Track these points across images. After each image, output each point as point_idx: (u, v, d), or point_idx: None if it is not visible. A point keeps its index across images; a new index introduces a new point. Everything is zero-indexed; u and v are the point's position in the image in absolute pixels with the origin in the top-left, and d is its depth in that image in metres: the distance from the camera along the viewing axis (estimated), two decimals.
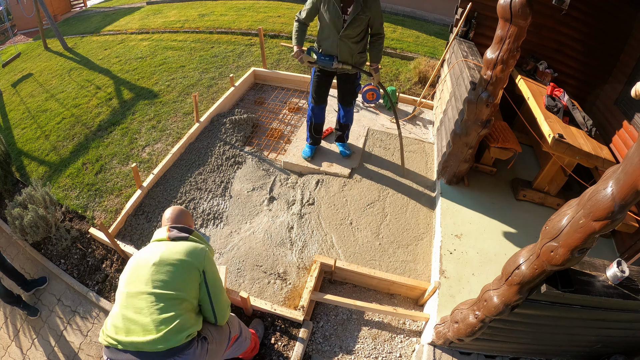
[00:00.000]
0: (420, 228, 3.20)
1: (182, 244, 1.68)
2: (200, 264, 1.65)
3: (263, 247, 3.03)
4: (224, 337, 1.80)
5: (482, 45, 3.74)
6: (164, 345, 1.46)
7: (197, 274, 1.63)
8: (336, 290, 2.86)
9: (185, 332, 1.51)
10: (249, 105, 4.80)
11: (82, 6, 12.22)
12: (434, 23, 8.45)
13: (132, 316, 1.50)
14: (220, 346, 1.76)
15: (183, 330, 1.51)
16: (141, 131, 4.47)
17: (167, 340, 1.46)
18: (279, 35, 6.88)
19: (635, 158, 1.06)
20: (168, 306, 1.52)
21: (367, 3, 2.81)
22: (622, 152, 2.95)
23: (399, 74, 5.72)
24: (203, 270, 1.65)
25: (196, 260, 1.64)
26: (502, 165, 3.55)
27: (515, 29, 2.35)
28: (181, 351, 1.50)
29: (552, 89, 3.18)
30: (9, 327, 2.92)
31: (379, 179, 3.62)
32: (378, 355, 2.50)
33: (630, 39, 3.22)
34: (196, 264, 1.63)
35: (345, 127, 3.69)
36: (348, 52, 3.02)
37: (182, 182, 3.57)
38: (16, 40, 10.17)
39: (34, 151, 4.45)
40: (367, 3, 2.81)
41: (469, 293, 2.53)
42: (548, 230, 1.43)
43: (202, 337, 1.64)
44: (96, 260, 3.15)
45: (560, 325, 1.97)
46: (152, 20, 8.69)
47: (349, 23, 2.85)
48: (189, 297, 1.59)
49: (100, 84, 5.76)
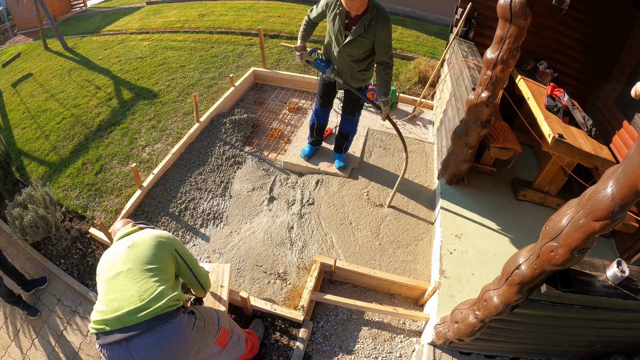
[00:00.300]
0: (420, 228, 3.20)
1: (151, 231, 1.79)
2: (171, 245, 1.75)
3: (263, 247, 3.03)
4: (212, 318, 1.80)
5: (482, 45, 3.74)
6: (148, 312, 1.48)
7: (170, 252, 1.73)
8: (336, 290, 2.86)
9: (167, 297, 1.54)
10: (249, 105, 4.80)
11: (82, 6, 12.22)
12: (434, 23, 8.45)
13: (114, 295, 1.53)
14: (209, 328, 1.75)
15: (165, 296, 1.54)
16: (141, 131, 4.47)
17: (150, 307, 1.49)
18: (279, 35, 6.88)
19: (635, 158, 1.06)
20: (147, 278, 1.57)
21: (371, 27, 2.58)
22: (622, 152, 2.95)
23: (399, 74, 5.72)
24: (175, 249, 1.76)
25: (167, 242, 1.74)
26: (502, 165, 3.55)
27: (515, 29, 2.35)
28: (166, 319, 1.51)
29: (552, 89, 3.18)
30: (9, 327, 2.92)
31: (379, 179, 3.62)
32: (378, 355, 2.51)
33: (630, 39, 3.22)
34: (167, 246, 1.73)
35: (345, 138, 3.50)
36: (347, 68, 2.88)
37: (182, 182, 3.57)
38: (16, 40, 10.17)
39: (34, 151, 4.45)
40: (372, 27, 2.58)
41: (469, 293, 2.53)
42: (548, 230, 1.43)
43: (189, 310, 1.67)
44: (96, 260, 3.15)
45: (560, 325, 1.97)
46: (152, 20, 8.69)
47: (348, 41, 2.70)
48: (165, 269, 1.66)
49: (100, 84, 5.76)
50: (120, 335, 1.46)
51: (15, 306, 2.85)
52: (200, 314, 1.72)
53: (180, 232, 3.17)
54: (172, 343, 1.52)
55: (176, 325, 1.54)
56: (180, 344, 1.55)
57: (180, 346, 1.55)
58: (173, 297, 1.57)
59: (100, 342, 1.51)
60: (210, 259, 2.96)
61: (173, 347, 1.52)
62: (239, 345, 2.02)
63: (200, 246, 3.06)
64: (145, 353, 1.47)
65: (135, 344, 1.46)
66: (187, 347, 1.58)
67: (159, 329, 1.50)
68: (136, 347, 1.46)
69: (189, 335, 1.59)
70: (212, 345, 1.79)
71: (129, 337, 1.46)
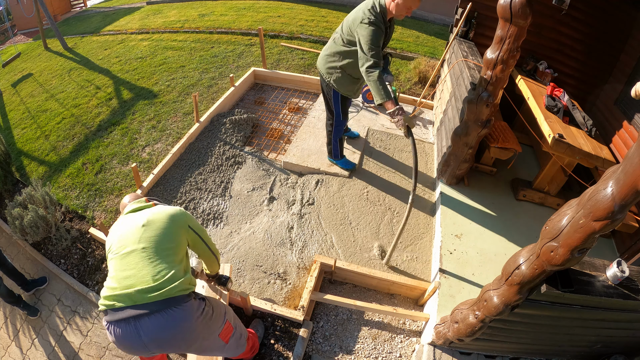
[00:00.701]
0: (420, 228, 3.20)
1: (165, 208, 1.79)
2: (184, 222, 1.77)
3: (263, 247, 3.03)
4: (220, 309, 1.83)
5: (482, 45, 3.74)
6: (160, 293, 1.48)
7: (185, 229, 1.76)
8: (336, 290, 2.86)
9: (178, 279, 1.55)
10: (249, 105, 4.80)
11: (82, 6, 12.22)
12: (434, 23, 8.45)
13: (127, 273, 1.53)
14: (216, 318, 1.77)
15: (179, 279, 1.55)
16: (141, 131, 4.47)
17: (163, 289, 1.49)
18: (279, 35, 6.88)
19: (635, 158, 1.06)
20: (161, 258, 1.57)
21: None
22: (622, 152, 2.95)
23: (399, 74, 5.72)
24: (189, 225, 1.78)
25: (181, 218, 1.76)
26: (502, 165, 3.55)
27: (515, 29, 2.35)
28: (177, 302, 1.52)
29: (552, 89, 3.18)
30: (9, 327, 2.92)
31: (378, 179, 3.62)
32: (378, 355, 2.51)
33: (630, 39, 3.22)
34: (181, 223, 1.75)
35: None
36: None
37: (182, 182, 3.57)
38: (16, 40, 10.17)
39: (34, 151, 4.45)
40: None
41: (469, 293, 2.53)
42: (548, 230, 1.43)
43: (200, 297, 1.70)
44: (96, 260, 3.15)
45: (560, 325, 1.97)
46: (152, 20, 8.69)
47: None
48: (179, 248, 1.67)
49: (100, 84, 5.76)
50: (130, 312, 1.46)
51: (15, 306, 2.85)
52: (209, 302, 1.74)
53: None
54: (180, 326, 1.52)
55: (187, 309, 1.54)
56: (188, 329, 1.55)
57: (187, 331, 1.55)
58: (186, 281, 1.57)
59: (108, 318, 1.50)
60: None
61: (180, 331, 1.53)
62: (240, 343, 2.02)
63: None
64: (152, 334, 1.48)
65: (144, 324, 1.46)
66: (193, 333, 1.59)
67: (170, 310, 1.49)
68: (144, 326, 1.46)
69: (196, 321, 1.59)
70: (216, 338, 1.79)
71: (138, 315, 1.46)
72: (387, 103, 2.55)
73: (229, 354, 1.99)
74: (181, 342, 1.58)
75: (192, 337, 1.60)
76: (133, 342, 1.49)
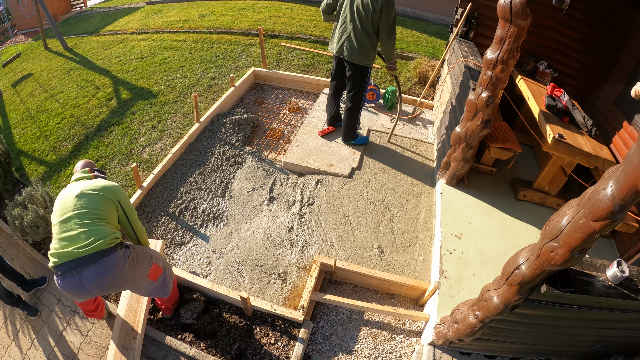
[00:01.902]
0: (420, 228, 3.20)
1: (100, 181, 2.10)
2: (114, 196, 2.06)
3: (263, 247, 3.03)
4: (145, 254, 2.17)
5: (482, 45, 3.75)
6: (91, 247, 1.85)
7: (113, 202, 2.05)
8: (336, 290, 2.86)
9: (107, 237, 1.91)
10: (249, 105, 4.80)
11: (82, 6, 12.22)
12: (434, 23, 8.45)
13: (65, 235, 1.89)
14: (141, 261, 2.11)
15: (105, 236, 1.91)
16: (141, 131, 4.47)
17: (93, 244, 1.86)
18: (279, 35, 6.88)
19: (635, 158, 1.06)
20: (91, 221, 1.93)
21: None
22: (622, 152, 2.95)
23: (399, 74, 5.72)
24: (118, 200, 2.07)
25: (111, 192, 2.06)
26: (502, 165, 3.55)
27: (515, 29, 2.35)
28: (107, 253, 1.90)
29: (552, 89, 3.18)
30: (9, 327, 2.91)
31: (378, 179, 3.62)
32: (378, 355, 2.50)
33: (630, 39, 3.22)
34: (111, 196, 2.04)
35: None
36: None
37: (182, 182, 3.57)
38: (16, 40, 10.17)
39: (33, 151, 4.45)
40: None
41: (469, 293, 2.53)
42: (548, 230, 1.43)
43: (125, 245, 2.05)
44: None
45: (560, 325, 1.97)
46: (152, 20, 8.69)
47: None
48: (108, 216, 2.00)
49: (100, 84, 5.76)
50: (71, 265, 1.85)
51: (15, 306, 2.84)
52: (134, 249, 2.09)
53: (180, 232, 3.17)
54: (112, 272, 1.92)
55: (114, 258, 1.92)
56: (119, 273, 1.95)
57: (119, 275, 1.96)
58: (112, 237, 1.94)
59: (57, 271, 1.88)
60: (210, 259, 2.96)
61: (112, 276, 1.93)
62: (166, 283, 2.34)
63: (200, 246, 3.06)
64: (91, 281, 1.87)
65: (84, 274, 1.86)
66: (123, 275, 1.98)
67: (102, 261, 1.88)
68: (85, 276, 1.86)
69: (123, 266, 1.97)
70: (145, 278, 2.17)
71: (78, 267, 1.85)
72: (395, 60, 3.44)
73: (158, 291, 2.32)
74: (116, 284, 1.99)
75: (123, 279, 2.00)
76: (78, 289, 1.89)
